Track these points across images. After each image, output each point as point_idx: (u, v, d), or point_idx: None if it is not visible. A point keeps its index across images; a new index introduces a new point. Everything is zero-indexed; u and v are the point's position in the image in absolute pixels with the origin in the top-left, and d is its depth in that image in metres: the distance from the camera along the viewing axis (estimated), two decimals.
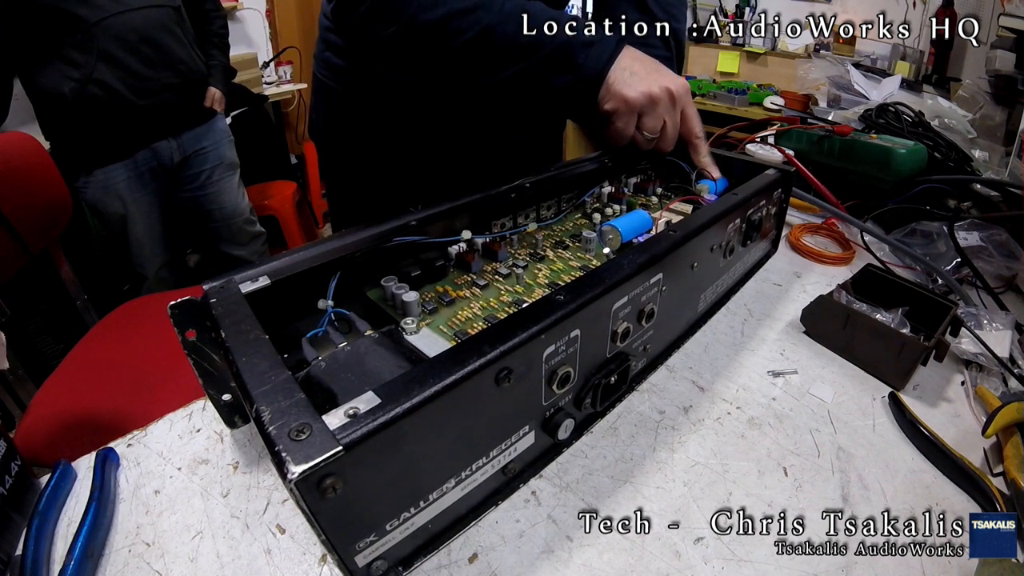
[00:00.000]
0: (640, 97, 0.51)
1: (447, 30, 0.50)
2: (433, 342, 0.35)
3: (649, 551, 0.31)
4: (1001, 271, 0.59)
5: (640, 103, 0.51)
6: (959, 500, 0.36)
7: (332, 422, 0.23)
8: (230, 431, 0.38)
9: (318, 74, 0.74)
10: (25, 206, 0.96)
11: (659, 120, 0.53)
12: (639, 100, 0.51)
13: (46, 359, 1.43)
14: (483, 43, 0.50)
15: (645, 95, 0.51)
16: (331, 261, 0.36)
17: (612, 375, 0.37)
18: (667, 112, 0.53)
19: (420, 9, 0.49)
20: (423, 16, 0.50)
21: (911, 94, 1.42)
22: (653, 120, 0.53)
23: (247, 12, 2.57)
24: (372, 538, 0.26)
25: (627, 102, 0.51)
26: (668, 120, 0.53)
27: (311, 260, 0.36)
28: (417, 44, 0.52)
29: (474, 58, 0.52)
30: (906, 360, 0.43)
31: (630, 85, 0.51)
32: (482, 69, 0.53)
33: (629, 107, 0.52)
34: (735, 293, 0.56)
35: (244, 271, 0.34)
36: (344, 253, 0.37)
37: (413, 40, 0.52)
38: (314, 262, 0.36)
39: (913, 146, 0.73)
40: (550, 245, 0.48)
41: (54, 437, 0.79)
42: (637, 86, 0.51)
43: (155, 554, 0.31)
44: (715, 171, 0.56)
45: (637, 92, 0.51)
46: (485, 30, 0.50)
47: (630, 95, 0.51)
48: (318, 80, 0.74)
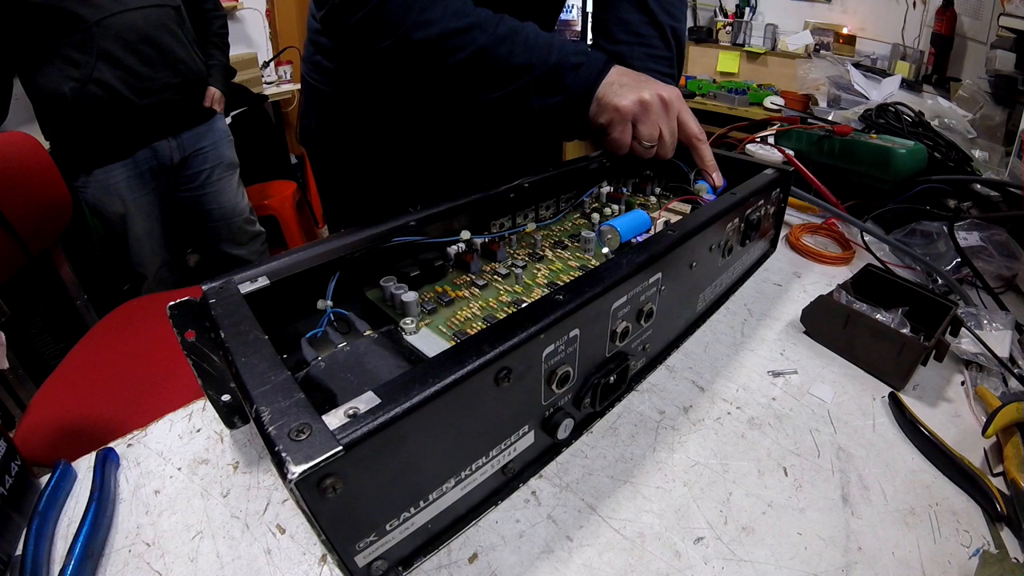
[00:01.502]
0: (631, 104, 0.51)
1: (441, 49, 0.50)
2: (432, 342, 0.35)
3: (649, 551, 0.31)
4: (1001, 271, 0.59)
5: (632, 110, 0.52)
6: (959, 500, 0.35)
7: (332, 422, 0.23)
8: (230, 431, 0.38)
9: (308, 78, 0.73)
10: (25, 206, 0.96)
11: (654, 127, 0.53)
12: (631, 107, 0.51)
13: (46, 359, 1.43)
14: (476, 64, 0.50)
15: (636, 102, 0.51)
16: (330, 261, 0.36)
17: (611, 375, 0.37)
18: (661, 118, 0.53)
19: (415, 26, 0.49)
20: (417, 33, 0.49)
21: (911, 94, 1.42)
22: (648, 127, 0.53)
23: (247, 12, 2.57)
24: (372, 538, 0.26)
25: (619, 110, 0.52)
26: (664, 126, 0.53)
27: (310, 260, 0.36)
28: (410, 60, 0.52)
29: (466, 78, 0.52)
30: (906, 360, 0.43)
31: (620, 95, 0.52)
32: (474, 88, 0.53)
33: (622, 115, 0.52)
34: (734, 293, 0.56)
35: (243, 271, 0.34)
36: (343, 253, 0.37)
37: (406, 56, 0.52)
38: (313, 262, 0.36)
39: (913, 146, 0.73)
40: (549, 245, 0.48)
41: (54, 437, 0.79)
42: (628, 95, 0.52)
43: (155, 554, 0.31)
44: (718, 177, 0.56)
45: (628, 100, 0.51)
46: (478, 51, 0.50)
47: (621, 103, 0.51)
48: (308, 84, 0.73)
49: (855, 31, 2.56)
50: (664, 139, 0.54)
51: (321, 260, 0.36)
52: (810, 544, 0.32)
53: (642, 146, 0.54)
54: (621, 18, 0.72)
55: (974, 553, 0.32)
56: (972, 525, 0.34)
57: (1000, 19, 1.48)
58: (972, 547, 0.32)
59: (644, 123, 0.53)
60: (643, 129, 0.53)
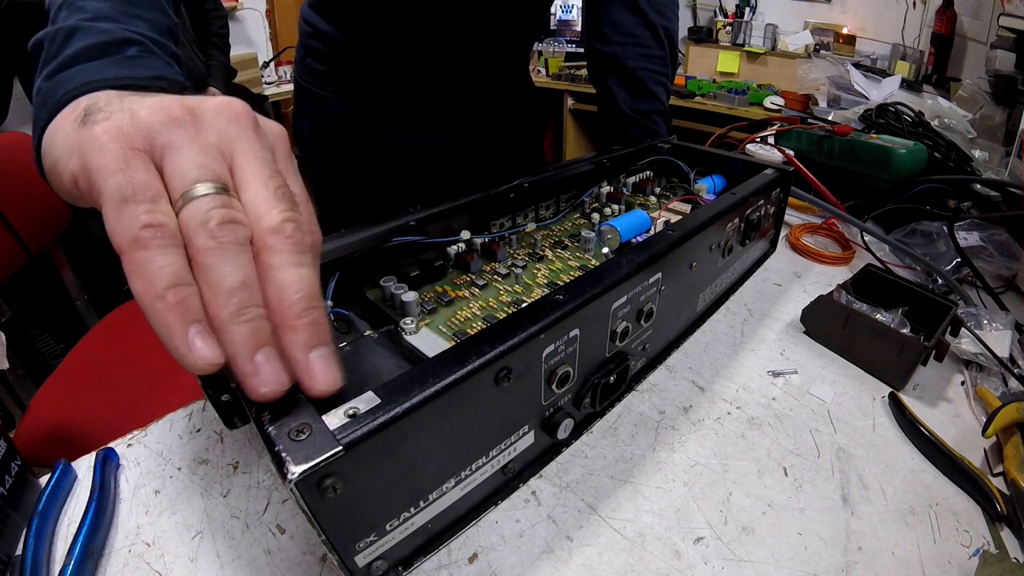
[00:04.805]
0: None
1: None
2: (432, 342, 0.35)
3: (649, 551, 0.31)
4: (1001, 271, 0.59)
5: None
6: (959, 500, 0.35)
7: (332, 422, 0.23)
8: (230, 431, 0.38)
9: (299, 80, 0.73)
10: (25, 206, 0.96)
11: None
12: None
13: (46, 359, 1.43)
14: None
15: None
16: (330, 261, 0.36)
17: (611, 375, 0.37)
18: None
19: None
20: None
21: (911, 94, 1.42)
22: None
23: (247, 12, 2.58)
24: (372, 538, 0.26)
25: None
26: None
27: None
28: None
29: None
30: (906, 360, 0.43)
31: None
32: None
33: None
34: (734, 293, 0.56)
35: None
36: (343, 253, 0.37)
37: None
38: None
39: (913, 146, 0.73)
40: (549, 245, 0.48)
41: (54, 437, 0.79)
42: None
43: (155, 554, 0.31)
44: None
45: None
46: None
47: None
48: (300, 86, 0.73)
49: (855, 31, 2.56)
50: None
51: (321, 260, 0.36)
52: (810, 544, 0.32)
53: None
54: (613, 19, 0.72)
55: (974, 553, 0.32)
56: (972, 525, 0.34)
57: (1000, 19, 1.48)
58: (972, 547, 0.32)
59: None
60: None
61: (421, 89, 0.69)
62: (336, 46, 0.67)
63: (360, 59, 0.67)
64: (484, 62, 0.71)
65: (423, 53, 0.66)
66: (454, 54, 0.67)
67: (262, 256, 0.23)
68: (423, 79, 0.68)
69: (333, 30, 0.66)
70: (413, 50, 0.65)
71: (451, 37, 0.65)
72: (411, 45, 0.65)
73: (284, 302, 0.22)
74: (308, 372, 0.23)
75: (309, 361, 0.23)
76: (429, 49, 0.66)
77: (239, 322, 0.21)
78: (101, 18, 0.32)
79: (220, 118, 0.25)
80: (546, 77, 2.92)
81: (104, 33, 0.31)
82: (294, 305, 0.22)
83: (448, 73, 0.69)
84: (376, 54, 0.66)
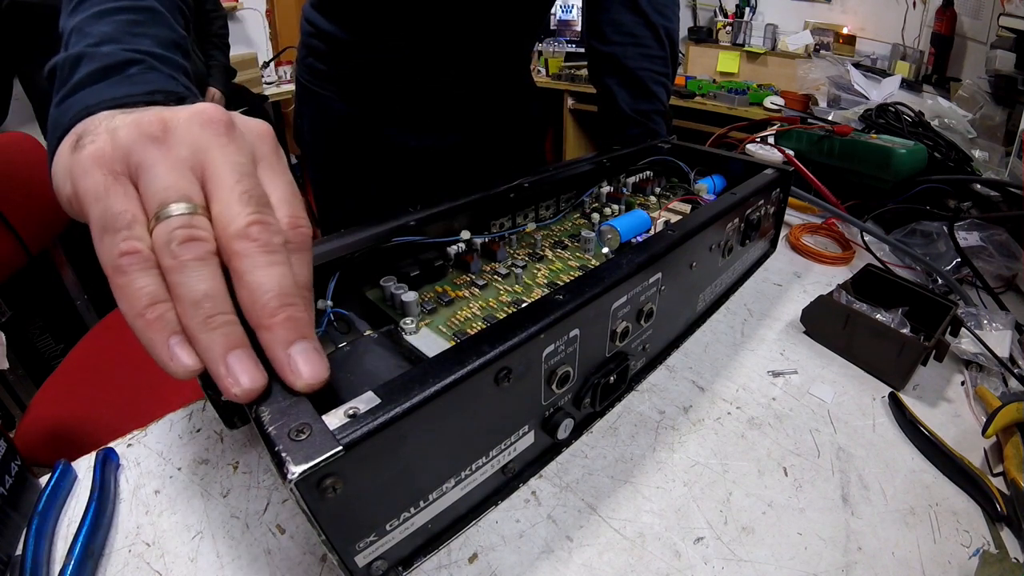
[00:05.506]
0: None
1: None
2: (432, 342, 0.35)
3: (649, 551, 0.31)
4: (1001, 271, 0.59)
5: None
6: (959, 500, 0.35)
7: (332, 422, 0.23)
8: (230, 431, 0.38)
9: (301, 79, 0.73)
10: (25, 206, 0.96)
11: None
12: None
13: (46, 359, 1.43)
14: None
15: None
16: (330, 261, 0.36)
17: (611, 375, 0.37)
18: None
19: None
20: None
21: (911, 94, 1.42)
22: None
23: (247, 12, 2.58)
24: (372, 538, 0.26)
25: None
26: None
27: None
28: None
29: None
30: (906, 360, 0.43)
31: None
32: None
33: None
34: (734, 293, 0.56)
35: None
36: (343, 253, 0.37)
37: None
38: (313, 262, 0.36)
39: (913, 146, 0.73)
40: (549, 245, 0.48)
41: (54, 437, 0.79)
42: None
43: (155, 554, 0.31)
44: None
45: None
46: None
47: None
48: (301, 86, 0.74)
49: (855, 31, 2.56)
50: None
51: (321, 260, 0.36)
52: (810, 544, 0.32)
53: None
54: (614, 19, 0.72)
55: (974, 553, 0.32)
56: (972, 525, 0.34)
57: (1000, 19, 1.48)
58: (972, 547, 0.32)
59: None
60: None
61: (422, 89, 0.69)
62: (338, 46, 0.67)
63: (362, 59, 0.67)
64: (485, 62, 0.71)
65: (424, 53, 0.66)
66: (455, 54, 0.67)
67: (232, 263, 0.24)
68: (424, 79, 0.68)
69: (335, 30, 0.66)
70: (414, 50, 0.65)
71: (452, 37, 0.65)
72: (412, 45, 0.65)
73: (256, 303, 0.23)
74: (289, 367, 0.24)
75: (289, 356, 0.24)
76: (430, 49, 0.66)
77: (207, 330, 0.23)
78: (106, 41, 0.34)
79: (193, 127, 0.25)
80: (546, 77, 2.93)
81: (107, 57, 0.33)
82: (265, 305, 0.23)
83: (449, 73, 0.69)
84: (378, 54, 0.66)
